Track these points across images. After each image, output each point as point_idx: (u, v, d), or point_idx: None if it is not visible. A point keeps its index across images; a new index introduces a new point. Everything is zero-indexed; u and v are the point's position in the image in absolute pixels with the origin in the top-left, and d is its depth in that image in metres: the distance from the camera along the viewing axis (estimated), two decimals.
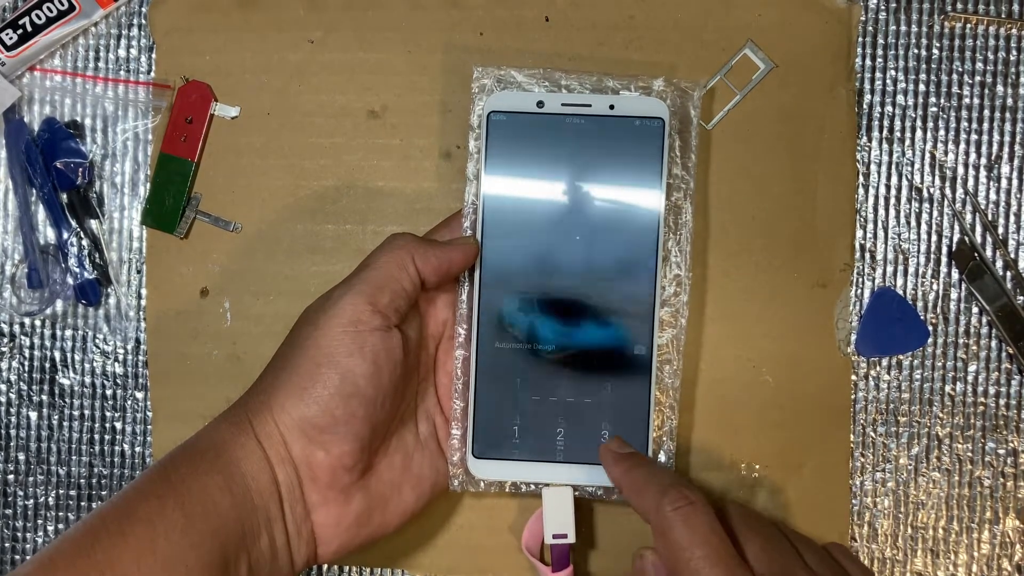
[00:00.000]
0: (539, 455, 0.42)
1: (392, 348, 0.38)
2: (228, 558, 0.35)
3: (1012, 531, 0.46)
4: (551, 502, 0.42)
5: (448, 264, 0.40)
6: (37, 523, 0.47)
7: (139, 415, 0.47)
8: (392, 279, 0.39)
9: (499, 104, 0.41)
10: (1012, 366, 0.46)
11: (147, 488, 0.35)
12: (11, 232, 0.47)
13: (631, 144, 0.41)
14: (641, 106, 0.41)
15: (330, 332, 0.38)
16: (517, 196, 0.41)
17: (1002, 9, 0.46)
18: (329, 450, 0.37)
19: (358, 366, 0.37)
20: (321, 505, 0.38)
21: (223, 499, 0.36)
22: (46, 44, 0.46)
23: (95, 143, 0.47)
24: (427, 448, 0.42)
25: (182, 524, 0.34)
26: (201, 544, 0.34)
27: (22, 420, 0.47)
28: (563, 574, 0.42)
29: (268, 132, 0.46)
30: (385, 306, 0.38)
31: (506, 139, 0.41)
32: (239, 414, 0.38)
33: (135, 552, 0.33)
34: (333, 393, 0.37)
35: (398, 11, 0.46)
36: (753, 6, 0.46)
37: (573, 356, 0.41)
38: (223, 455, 0.37)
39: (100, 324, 0.47)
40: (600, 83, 0.42)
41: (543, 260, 0.41)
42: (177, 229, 0.46)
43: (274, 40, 0.46)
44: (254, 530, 0.36)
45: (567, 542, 0.42)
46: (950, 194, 0.46)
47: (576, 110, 0.41)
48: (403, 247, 0.39)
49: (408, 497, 0.41)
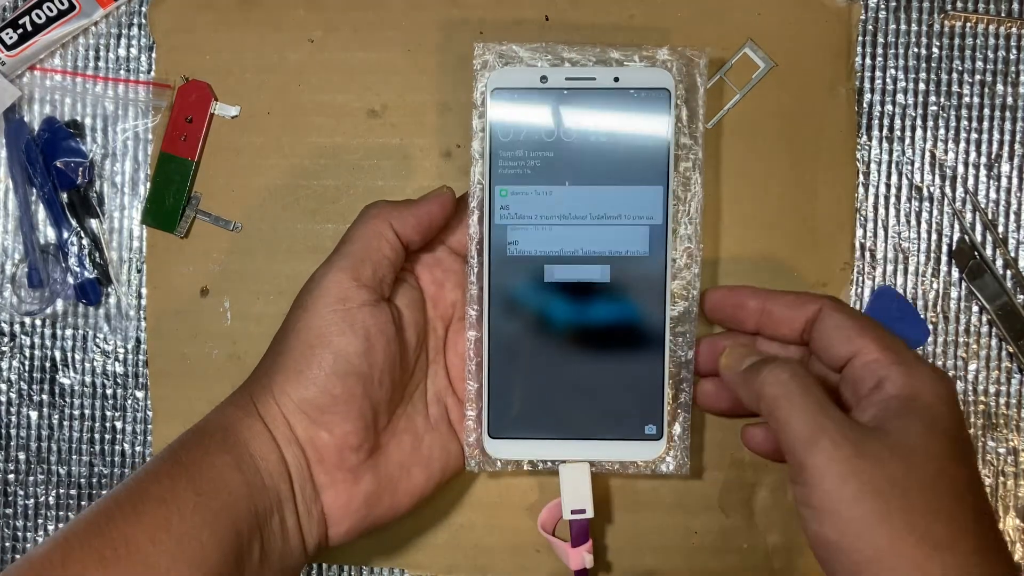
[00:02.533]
0: (555, 432, 0.42)
1: (383, 322, 0.39)
2: (241, 536, 0.35)
3: (1012, 530, 0.46)
4: (568, 479, 0.42)
5: (428, 219, 0.40)
6: (37, 522, 0.47)
7: (139, 414, 0.47)
8: (372, 249, 0.39)
9: (502, 81, 0.41)
10: (1012, 365, 0.46)
11: (159, 469, 0.36)
12: (11, 231, 0.47)
13: (637, 116, 0.41)
14: (646, 77, 0.41)
15: (319, 312, 0.38)
16: (523, 171, 0.41)
17: (1002, 8, 0.46)
18: (332, 430, 0.38)
19: (350, 344, 0.38)
20: (330, 486, 0.38)
21: (234, 478, 0.36)
22: (46, 43, 0.46)
23: (95, 142, 0.47)
24: (438, 430, 0.42)
25: (194, 502, 0.35)
26: (214, 522, 0.35)
27: (22, 419, 0.48)
28: (583, 548, 0.43)
29: (268, 131, 0.46)
30: (369, 278, 0.39)
31: (510, 115, 0.41)
32: (244, 398, 0.39)
33: (149, 530, 0.34)
34: (329, 373, 0.37)
35: (398, 11, 0.46)
36: (753, 5, 0.46)
37: (585, 332, 0.41)
38: (231, 436, 0.37)
39: (100, 323, 0.47)
40: (604, 54, 0.42)
41: (553, 236, 0.41)
42: (177, 228, 0.46)
43: (274, 39, 0.46)
44: (266, 510, 0.37)
45: (586, 517, 0.42)
46: (950, 193, 0.47)
47: (580, 84, 0.41)
48: (377, 215, 0.39)
49: (418, 478, 0.41)
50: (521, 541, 0.46)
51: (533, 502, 0.46)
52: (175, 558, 0.34)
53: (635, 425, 0.42)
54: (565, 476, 0.42)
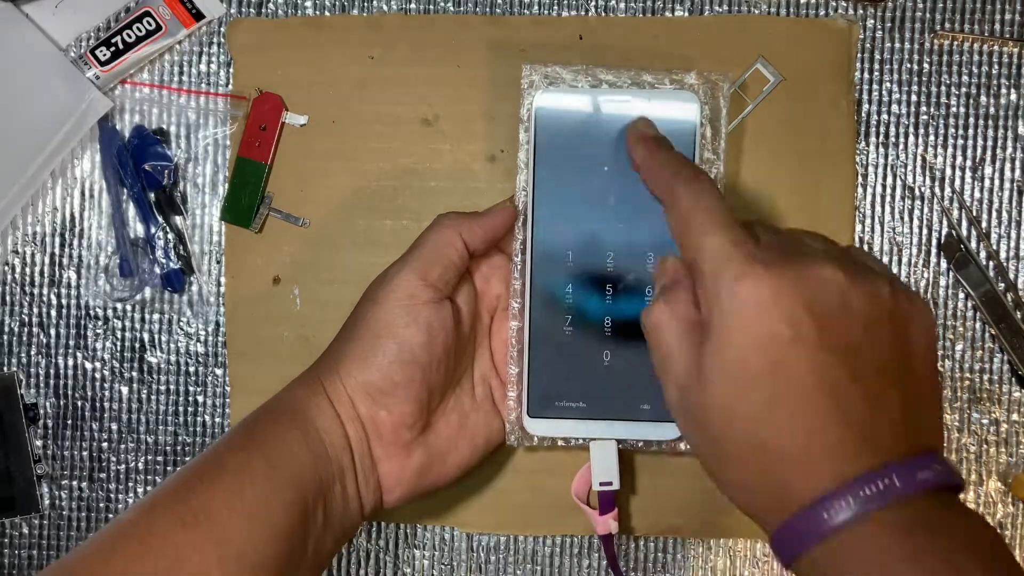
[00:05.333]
0: (587, 413, 0.44)
1: (444, 318, 0.41)
2: (307, 503, 0.37)
3: (994, 492, 0.49)
4: (598, 454, 0.44)
5: (493, 231, 0.42)
6: (128, 486, 0.50)
7: (218, 389, 0.50)
8: (442, 255, 0.41)
9: (547, 100, 0.43)
10: (994, 345, 0.49)
11: (235, 442, 0.38)
12: (105, 227, 0.50)
13: (666, 132, 0.42)
14: (675, 98, 0.43)
15: (388, 306, 0.40)
16: (564, 180, 0.43)
17: (985, 28, 0.48)
18: (391, 410, 0.40)
19: (414, 336, 0.40)
20: (385, 459, 0.40)
21: (301, 450, 0.38)
22: (136, 60, 0.49)
23: (179, 148, 0.50)
24: (482, 408, 0.44)
25: (266, 472, 0.37)
26: (284, 489, 0.37)
27: (115, 394, 0.50)
28: (609, 516, 0.45)
29: (333, 138, 0.49)
30: (436, 280, 0.40)
31: (553, 130, 0.43)
32: (312, 378, 0.40)
33: (226, 497, 0.36)
34: (392, 360, 0.39)
35: (448, 30, 0.49)
36: (764, 26, 0.48)
37: (616, 325, 0.43)
38: (300, 413, 0.39)
39: (184, 309, 0.50)
40: (638, 77, 0.44)
41: (589, 238, 0.43)
42: (252, 224, 0.49)
43: (338, 56, 0.49)
44: (329, 479, 0.38)
45: (612, 488, 0.44)
46: (939, 192, 0.49)
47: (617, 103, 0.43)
48: (450, 225, 0.41)
49: (464, 451, 0.43)
50: (558, 502, 0.48)
51: (567, 468, 0.48)
52: (249, 522, 0.35)
53: (659, 408, 0.43)
54: (595, 452, 0.44)
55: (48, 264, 0.50)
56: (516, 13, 0.49)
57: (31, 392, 0.51)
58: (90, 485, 0.51)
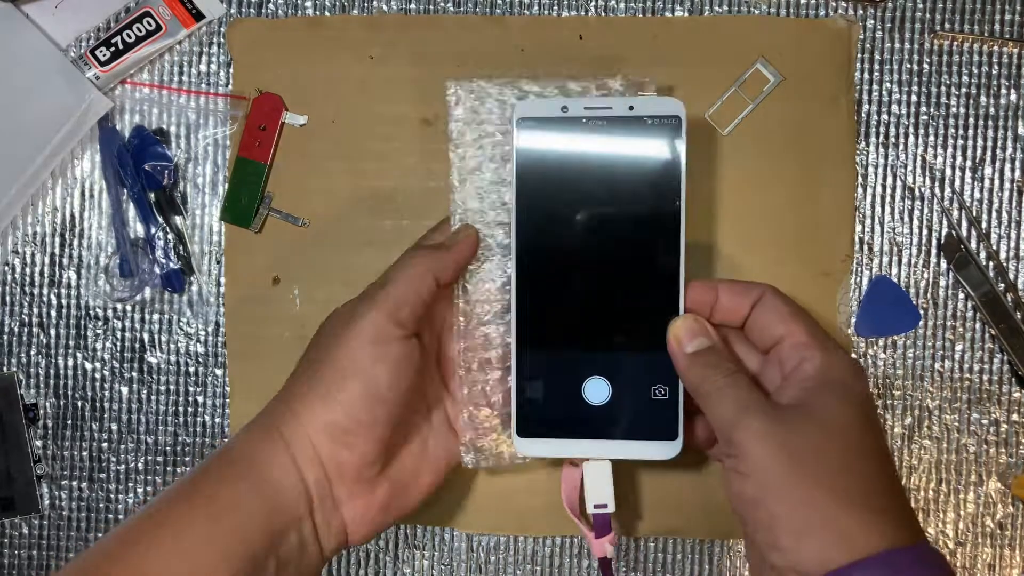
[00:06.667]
0: (578, 433, 0.42)
1: (411, 354, 0.40)
2: (256, 557, 0.36)
3: (994, 492, 0.49)
4: (592, 475, 0.42)
5: (464, 262, 0.42)
6: (128, 486, 0.50)
7: (218, 390, 0.50)
8: (413, 294, 0.40)
9: (527, 111, 0.42)
10: (994, 346, 0.49)
11: (182, 493, 0.38)
12: (105, 227, 0.50)
13: (651, 140, 0.41)
14: (659, 106, 0.41)
15: (354, 344, 0.39)
16: (546, 193, 0.41)
17: (984, 29, 0.48)
18: (353, 450, 0.39)
19: (381, 374, 0.39)
20: (348, 499, 0.40)
21: (251, 502, 0.37)
22: (136, 60, 0.49)
23: (179, 148, 0.50)
24: (439, 431, 0.43)
25: (207, 529, 0.36)
26: (228, 546, 0.36)
27: (115, 394, 0.50)
28: (605, 539, 0.43)
29: (333, 138, 0.49)
30: (406, 318, 0.40)
31: (534, 142, 0.42)
32: (268, 422, 0.39)
33: (164, 557, 0.35)
34: (356, 400, 0.38)
35: (448, 30, 0.49)
36: (764, 26, 0.48)
37: (603, 350, 0.42)
38: (251, 461, 0.38)
39: (184, 309, 0.50)
40: (563, 85, 0.43)
41: (574, 255, 0.41)
42: (252, 224, 0.49)
43: (338, 56, 0.49)
44: (282, 528, 0.37)
45: (607, 511, 0.42)
46: (939, 193, 0.49)
47: (598, 112, 0.41)
48: (419, 265, 0.41)
49: (426, 479, 0.43)
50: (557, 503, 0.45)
51: None
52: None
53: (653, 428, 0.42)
54: (588, 473, 0.42)
55: (48, 264, 0.51)
56: (516, 13, 0.49)
57: (31, 392, 0.51)
58: (90, 485, 0.51)
